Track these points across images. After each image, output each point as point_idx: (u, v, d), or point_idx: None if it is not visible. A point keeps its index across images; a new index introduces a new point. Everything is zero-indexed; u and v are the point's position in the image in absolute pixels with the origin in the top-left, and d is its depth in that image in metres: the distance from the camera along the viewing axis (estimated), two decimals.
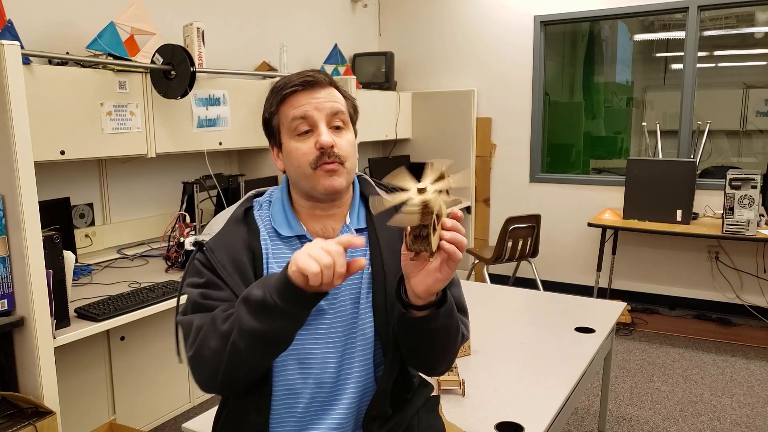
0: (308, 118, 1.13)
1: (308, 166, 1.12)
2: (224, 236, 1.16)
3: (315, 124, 1.13)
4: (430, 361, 1.18)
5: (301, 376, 1.14)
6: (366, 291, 1.17)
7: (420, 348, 1.13)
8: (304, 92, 1.14)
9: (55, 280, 1.91)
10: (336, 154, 1.12)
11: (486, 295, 2.74)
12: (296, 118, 1.13)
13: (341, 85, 1.22)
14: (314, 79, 1.14)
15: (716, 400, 2.97)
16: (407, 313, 1.07)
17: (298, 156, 1.13)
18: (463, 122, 4.83)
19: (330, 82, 1.18)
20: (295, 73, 1.17)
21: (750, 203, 3.45)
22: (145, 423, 2.81)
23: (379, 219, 1.21)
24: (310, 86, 1.14)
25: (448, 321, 1.10)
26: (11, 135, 1.76)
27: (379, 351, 1.19)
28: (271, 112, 1.18)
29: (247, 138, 3.28)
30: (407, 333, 1.11)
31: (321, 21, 4.54)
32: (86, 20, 2.83)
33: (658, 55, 4.67)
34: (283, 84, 1.16)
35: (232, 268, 1.13)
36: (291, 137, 1.15)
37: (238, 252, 1.14)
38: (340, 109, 1.16)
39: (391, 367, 1.16)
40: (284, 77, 1.18)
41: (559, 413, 1.69)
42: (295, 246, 1.17)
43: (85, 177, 2.95)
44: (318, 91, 1.14)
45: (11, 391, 1.88)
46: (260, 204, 1.24)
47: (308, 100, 1.13)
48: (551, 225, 4.55)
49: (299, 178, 1.16)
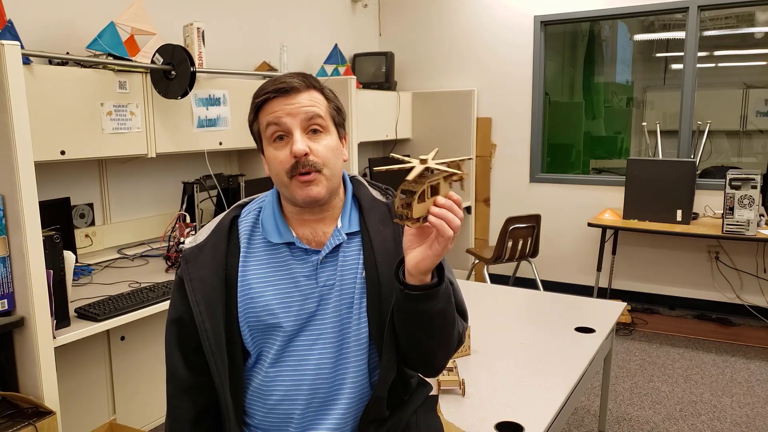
0: (281, 124, 1.11)
1: (285, 174, 1.12)
2: (204, 249, 1.18)
3: (289, 130, 1.12)
4: (429, 353, 1.14)
5: (296, 382, 1.14)
6: (359, 295, 1.16)
7: (418, 335, 1.10)
8: (278, 99, 1.12)
9: (55, 280, 1.91)
10: (311, 162, 1.10)
11: (486, 295, 2.74)
12: (270, 124, 1.12)
13: (326, 87, 1.19)
14: (287, 85, 1.12)
15: (716, 400, 2.97)
16: (404, 290, 1.04)
17: (275, 164, 1.13)
18: (464, 122, 4.83)
19: (308, 85, 1.15)
20: (270, 80, 1.15)
21: (750, 203, 3.45)
22: (145, 423, 2.81)
23: (372, 221, 1.19)
24: (284, 93, 1.12)
25: (446, 305, 1.08)
26: (11, 135, 1.76)
27: (374, 355, 1.18)
28: (252, 119, 1.17)
29: (247, 138, 3.24)
30: (406, 316, 1.08)
31: (321, 21, 4.54)
32: (86, 20, 2.83)
33: (658, 55, 4.67)
34: (260, 91, 1.15)
35: (198, 284, 1.15)
36: (269, 144, 1.14)
37: (210, 272, 1.16)
38: (316, 113, 1.13)
39: (388, 372, 1.14)
40: (262, 84, 1.17)
41: (559, 413, 1.69)
42: (282, 253, 1.17)
43: (86, 177, 2.95)
44: (293, 96, 1.12)
45: (11, 391, 1.88)
46: (249, 211, 1.23)
47: (281, 107, 1.12)
48: (551, 225, 4.55)
49: (280, 186, 1.16)
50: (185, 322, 1.18)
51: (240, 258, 1.17)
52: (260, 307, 1.14)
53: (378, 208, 1.22)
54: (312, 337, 1.14)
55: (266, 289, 1.14)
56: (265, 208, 1.22)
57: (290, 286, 1.15)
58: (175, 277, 1.21)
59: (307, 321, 1.15)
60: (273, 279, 1.15)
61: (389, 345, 1.13)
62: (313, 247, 1.17)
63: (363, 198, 1.23)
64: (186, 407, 1.21)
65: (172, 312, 1.21)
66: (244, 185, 3.32)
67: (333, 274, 1.16)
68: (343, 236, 1.18)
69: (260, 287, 1.15)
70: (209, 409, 1.22)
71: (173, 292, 1.21)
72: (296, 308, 1.14)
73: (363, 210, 1.21)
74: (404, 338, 1.12)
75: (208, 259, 1.16)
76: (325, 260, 1.17)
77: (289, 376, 1.14)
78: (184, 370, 1.20)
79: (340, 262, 1.17)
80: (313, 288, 1.15)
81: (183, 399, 1.21)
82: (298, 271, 1.16)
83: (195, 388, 1.20)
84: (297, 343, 1.14)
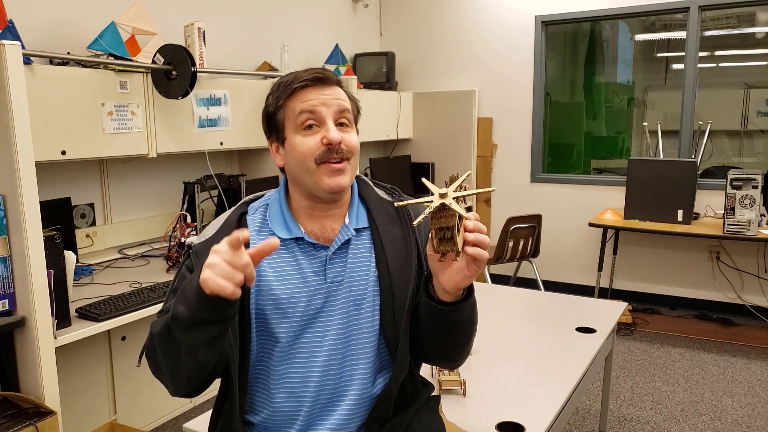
0: (316, 113, 1.13)
1: (313, 161, 1.12)
2: (213, 242, 1.15)
3: (322, 119, 1.13)
4: (452, 352, 1.20)
5: (303, 378, 1.14)
6: (372, 293, 1.16)
7: (444, 341, 1.16)
8: (313, 88, 1.14)
9: (56, 280, 1.91)
10: (343, 150, 1.13)
11: (487, 295, 2.74)
12: (304, 112, 1.13)
13: (346, 87, 1.22)
14: (323, 76, 1.15)
15: (717, 400, 2.97)
16: (437, 306, 1.09)
17: (302, 150, 1.13)
18: (464, 122, 4.83)
19: (337, 82, 1.18)
20: (303, 69, 1.17)
21: (751, 203, 3.45)
22: (146, 423, 2.81)
23: (380, 219, 1.20)
24: (320, 82, 1.15)
25: (472, 312, 1.14)
26: (12, 135, 1.76)
27: (384, 353, 1.18)
28: (277, 106, 1.17)
29: (248, 138, 3.28)
30: (435, 326, 1.13)
31: (322, 21, 4.54)
32: (87, 20, 2.83)
33: (659, 55, 4.67)
34: (292, 78, 1.15)
35: None
36: (297, 131, 1.14)
37: None
38: (346, 107, 1.16)
39: (400, 371, 1.16)
40: (291, 73, 1.18)
41: (560, 413, 1.69)
42: (292, 249, 1.17)
43: (86, 177, 2.95)
44: (326, 88, 1.15)
45: (12, 391, 1.88)
46: (256, 208, 1.23)
47: (316, 96, 1.14)
48: (552, 225, 4.55)
49: (302, 174, 1.15)
50: None
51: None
52: (268, 302, 1.14)
53: (385, 208, 1.23)
54: (320, 333, 1.14)
55: (274, 284, 1.14)
56: (272, 205, 1.22)
57: (298, 282, 1.15)
58: (181, 268, 1.18)
59: (314, 317, 1.14)
60: (281, 274, 1.15)
61: (404, 344, 1.15)
62: (321, 242, 1.17)
63: (369, 197, 1.24)
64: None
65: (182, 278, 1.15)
66: (245, 185, 3.32)
67: (342, 271, 1.16)
68: (352, 232, 1.18)
69: (268, 282, 1.14)
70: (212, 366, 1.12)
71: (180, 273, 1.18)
72: (303, 304, 1.14)
73: (370, 208, 1.22)
74: (430, 343, 1.18)
75: None
76: (334, 256, 1.17)
77: (297, 373, 1.14)
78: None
79: (350, 259, 1.17)
80: (321, 284, 1.15)
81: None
82: (306, 267, 1.16)
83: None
84: (304, 339, 1.14)
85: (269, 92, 1.20)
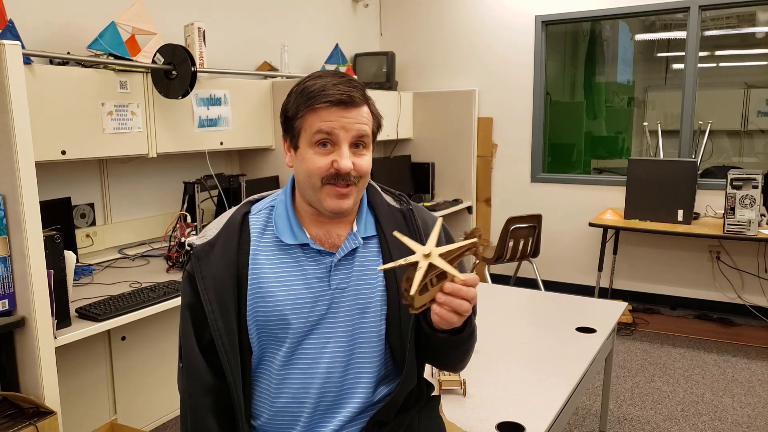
0: (333, 135, 1.10)
1: (319, 179, 1.10)
2: (215, 245, 1.15)
3: (338, 142, 1.10)
4: (453, 363, 1.25)
5: (305, 383, 1.14)
6: (379, 301, 1.16)
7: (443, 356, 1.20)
8: (337, 108, 1.09)
9: (56, 280, 1.91)
10: (351, 177, 1.11)
11: (487, 295, 2.73)
12: (321, 132, 1.09)
13: (373, 102, 1.18)
14: (350, 99, 1.10)
15: (717, 400, 2.97)
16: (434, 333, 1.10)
17: (311, 167, 1.11)
18: (464, 122, 4.83)
19: (364, 100, 1.14)
20: (332, 81, 1.11)
21: (751, 203, 3.45)
22: (146, 423, 2.81)
23: (388, 227, 1.19)
24: (344, 105, 1.10)
25: (470, 340, 1.16)
26: (12, 135, 1.76)
27: (389, 361, 1.18)
28: (296, 113, 1.12)
29: (248, 138, 3.27)
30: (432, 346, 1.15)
31: (322, 21, 4.54)
32: (87, 20, 2.83)
33: (659, 54, 4.67)
34: (318, 92, 1.09)
35: (210, 282, 1.13)
36: (310, 146, 1.11)
37: (222, 269, 1.13)
38: (365, 132, 1.13)
39: (408, 380, 1.16)
40: (320, 80, 1.12)
41: (561, 413, 1.69)
42: (296, 254, 1.15)
43: (86, 177, 2.95)
44: (350, 110, 1.10)
45: (12, 391, 1.88)
46: (260, 209, 1.21)
47: (338, 118, 1.09)
48: (552, 225, 4.55)
49: (307, 187, 1.13)
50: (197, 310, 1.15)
51: (250, 255, 1.15)
52: (270, 307, 1.13)
53: (394, 216, 1.22)
54: (322, 339, 1.14)
55: (277, 288, 1.13)
56: (277, 207, 1.20)
57: (302, 287, 1.14)
58: (184, 272, 1.19)
59: (317, 323, 1.14)
60: (284, 278, 1.14)
61: (411, 357, 1.15)
62: (326, 248, 1.16)
63: (378, 205, 1.23)
64: (208, 404, 1.15)
65: (185, 299, 1.18)
66: (245, 185, 3.32)
67: (347, 278, 1.16)
68: (360, 240, 1.17)
69: (271, 286, 1.13)
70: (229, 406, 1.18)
71: (184, 283, 1.18)
72: (306, 309, 1.13)
73: (378, 217, 1.21)
74: (431, 355, 1.21)
75: (219, 256, 1.14)
76: (339, 263, 1.16)
77: (299, 378, 1.14)
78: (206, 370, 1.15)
79: (357, 267, 1.16)
80: (325, 290, 1.14)
81: (205, 397, 1.15)
82: (310, 273, 1.15)
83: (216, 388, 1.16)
84: (306, 345, 1.14)
85: (292, 89, 1.16)
